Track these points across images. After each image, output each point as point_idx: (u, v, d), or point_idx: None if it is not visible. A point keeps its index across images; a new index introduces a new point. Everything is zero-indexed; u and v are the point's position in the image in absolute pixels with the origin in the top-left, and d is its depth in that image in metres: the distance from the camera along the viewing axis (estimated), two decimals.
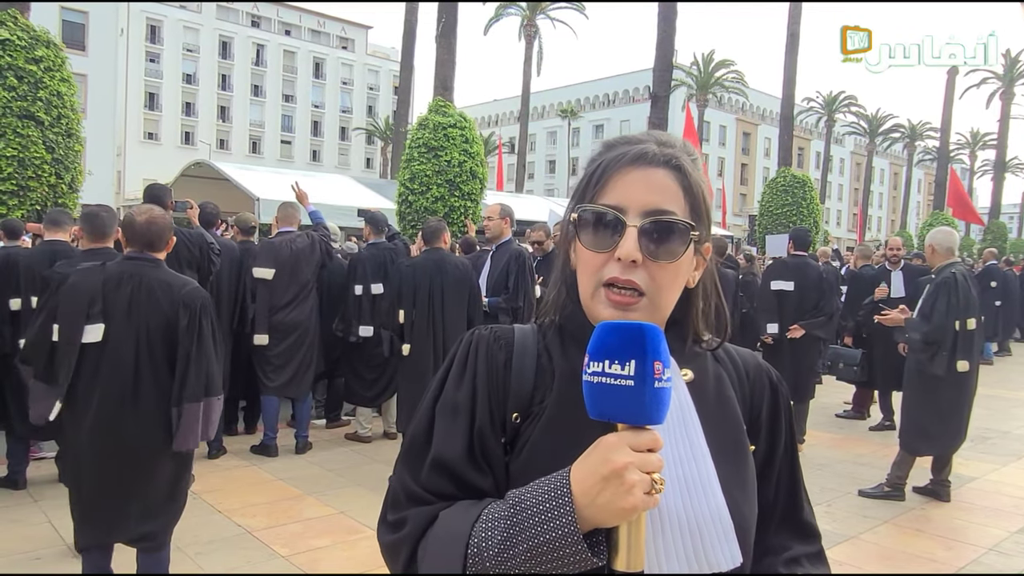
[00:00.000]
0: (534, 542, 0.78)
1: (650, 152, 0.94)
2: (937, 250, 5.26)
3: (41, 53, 7.14)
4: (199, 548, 3.98)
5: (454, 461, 0.91)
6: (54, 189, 7.22)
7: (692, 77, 47.98)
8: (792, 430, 1.07)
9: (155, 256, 3.08)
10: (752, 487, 0.97)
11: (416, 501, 0.91)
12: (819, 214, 18.48)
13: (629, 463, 0.75)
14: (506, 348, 0.98)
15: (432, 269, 5.33)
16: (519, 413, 0.94)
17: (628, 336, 0.77)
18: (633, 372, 0.75)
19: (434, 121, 10.66)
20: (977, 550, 4.37)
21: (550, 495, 0.79)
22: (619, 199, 0.92)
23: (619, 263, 0.89)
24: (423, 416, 0.97)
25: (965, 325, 5.00)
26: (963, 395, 5.11)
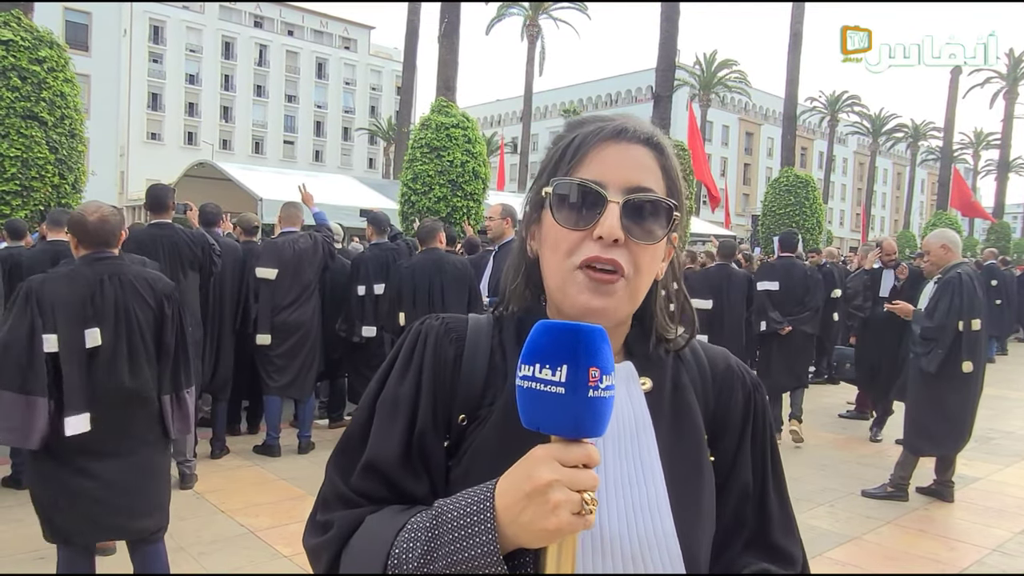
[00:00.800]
0: (452, 559, 0.72)
1: (629, 128, 0.88)
2: (951, 249, 5.23)
3: (45, 54, 7.15)
4: (202, 548, 3.98)
5: (388, 464, 0.85)
6: (57, 189, 7.24)
7: (695, 77, 47.93)
8: (765, 440, 0.97)
9: (115, 252, 3.07)
10: (709, 508, 0.89)
11: (345, 503, 0.86)
12: (822, 214, 18.45)
13: (554, 480, 0.68)
14: (456, 343, 0.91)
15: (431, 269, 5.32)
16: (466, 415, 0.87)
17: (561, 337, 0.69)
18: (564, 379, 0.68)
19: (437, 121, 10.67)
20: (980, 551, 4.36)
21: (471, 509, 0.73)
22: (598, 174, 0.84)
23: (599, 242, 0.82)
24: (362, 411, 0.91)
25: (970, 325, 4.98)
26: (967, 395, 5.10)
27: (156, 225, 4.98)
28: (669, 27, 15.28)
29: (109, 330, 2.91)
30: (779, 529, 0.94)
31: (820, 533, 4.44)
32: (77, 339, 2.85)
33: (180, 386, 3.07)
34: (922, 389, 5.17)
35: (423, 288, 5.30)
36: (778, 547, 0.93)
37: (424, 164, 10.44)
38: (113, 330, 2.91)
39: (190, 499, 4.74)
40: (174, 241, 4.94)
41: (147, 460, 3.02)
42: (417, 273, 5.35)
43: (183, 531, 4.18)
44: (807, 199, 17.93)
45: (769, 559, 0.92)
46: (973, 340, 5.01)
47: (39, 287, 2.85)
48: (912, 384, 5.31)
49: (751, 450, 0.95)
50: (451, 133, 10.51)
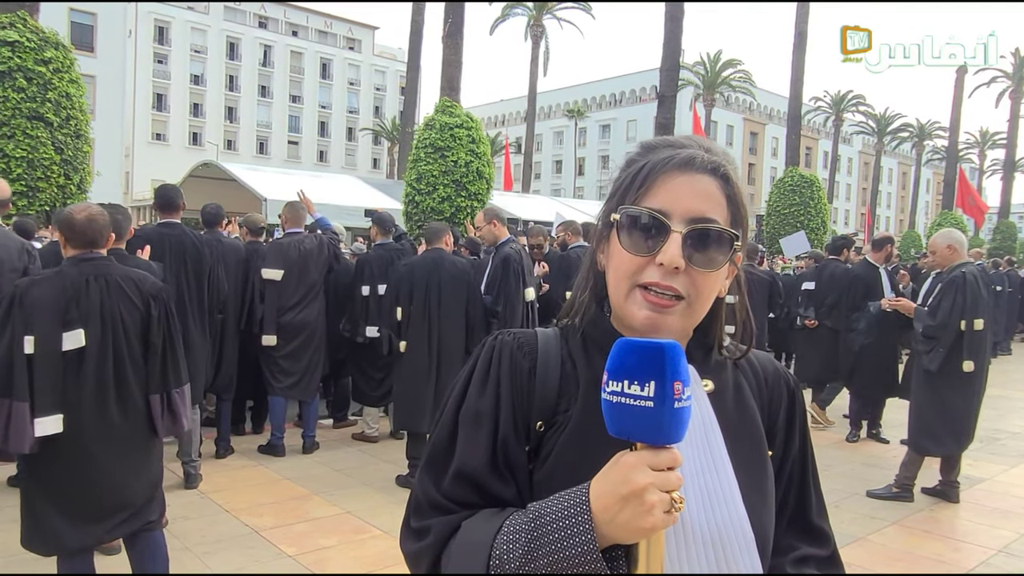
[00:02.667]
0: (554, 557, 0.78)
1: (698, 158, 0.93)
2: (957, 249, 5.21)
3: (50, 55, 7.18)
4: (206, 547, 3.99)
5: (477, 471, 0.91)
6: (63, 190, 7.27)
7: (699, 77, 47.86)
8: (805, 434, 1.06)
9: (103, 253, 3.07)
10: (771, 496, 0.97)
11: (439, 510, 0.92)
12: (827, 214, 18.42)
13: (649, 484, 0.75)
14: (530, 356, 0.97)
15: (429, 268, 5.32)
16: (543, 422, 0.93)
17: (647, 356, 0.76)
18: (653, 393, 0.75)
19: (441, 121, 10.68)
20: (986, 551, 4.35)
21: (570, 511, 0.80)
22: (664, 203, 0.90)
23: (660, 268, 0.88)
24: (446, 423, 0.97)
25: (972, 325, 4.97)
26: (971, 395, 5.08)
27: (165, 225, 5.00)
28: (673, 27, 15.27)
29: (95, 331, 2.91)
30: (815, 511, 1.04)
31: None
32: (53, 341, 2.84)
33: (169, 385, 3.07)
34: (926, 389, 5.16)
35: (420, 286, 5.29)
36: (814, 526, 1.03)
37: (428, 164, 10.45)
38: (100, 331, 2.91)
39: (195, 499, 4.75)
40: (181, 241, 4.97)
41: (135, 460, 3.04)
42: (415, 271, 5.34)
43: (188, 530, 4.19)
44: (812, 199, 17.90)
45: (807, 537, 1.02)
46: (975, 340, 5.00)
47: (25, 290, 2.86)
48: (915, 383, 5.30)
49: (797, 443, 1.05)
50: (455, 133, 10.52)
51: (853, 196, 72.02)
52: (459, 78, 13.54)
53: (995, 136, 53.67)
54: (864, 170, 71.21)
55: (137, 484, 3.04)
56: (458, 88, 13.39)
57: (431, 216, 10.27)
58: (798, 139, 20.97)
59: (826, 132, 60.69)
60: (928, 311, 5.13)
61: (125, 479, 2.99)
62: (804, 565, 0.99)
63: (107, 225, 3.08)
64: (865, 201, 63.29)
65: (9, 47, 6.94)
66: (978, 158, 58.09)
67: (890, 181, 75.11)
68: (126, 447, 2.99)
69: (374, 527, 4.34)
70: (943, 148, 50.11)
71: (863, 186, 70.74)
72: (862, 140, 68.84)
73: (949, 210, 26.93)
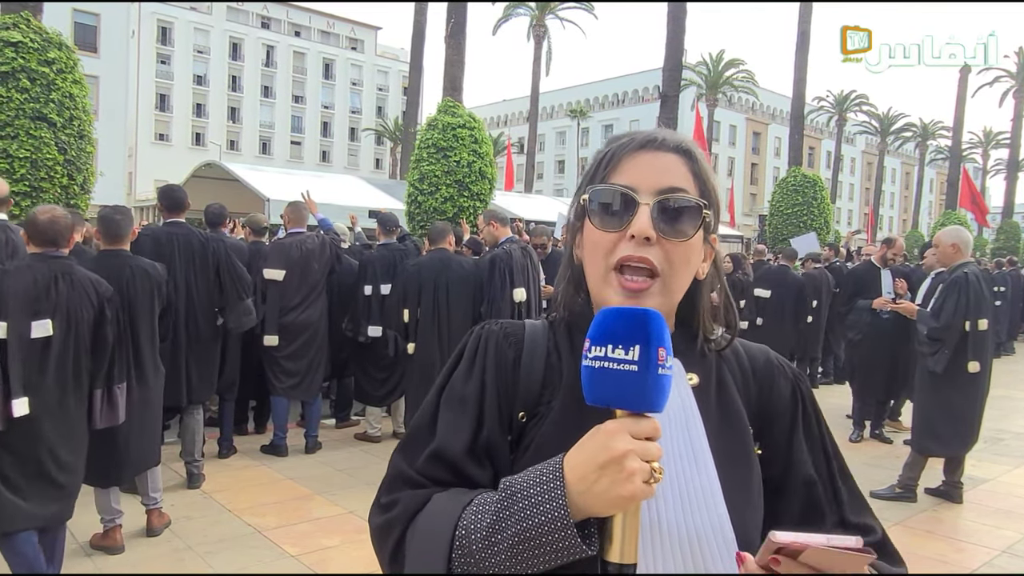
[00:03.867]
0: (522, 526, 0.75)
1: (659, 137, 0.94)
2: (960, 249, 5.19)
3: (53, 55, 7.18)
4: (209, 547, 4.00)
5: (455, 453, 0.90)
6: (66, 190, 7.27)
7: (702, 77, 47.80)
8: (820, 426, 1.01)
9: (65, 252, 3.33)
10: (758, 498, 0.93)
11: (411, 485, 0.90)
12: (830, 214, 18.37)
13: (630, 450, 0.73)
14: (515, 346, 0.97)
15: (437, 268, 5.33)
16: (526, 412, 0.92)
17: (633, 321, 0.75)
18: (637, 357, 0.74)
19: (443, 121, 10.67)
20: (989, 552, 4.34)
21: (541, 479, 0.78)
22: (631, 179, 0.91)
23: (632, 241, 0.88)
24: (428, 406, 0.96)
25: (976, 325, 4.95)
26: (975, 396, 5.07)
27: (172, 224, 5.03)
28: (676, 27, 15.26)
29: (61, 323, 3.17)
30: (853, 510, 0.98)
31: None
32: (25, 329, 3.08)
33: (112, 381, 3.36)
34: (929, 389, 5.15)
35: (428, 287, 5.31)
36: (855, 525, 0.97)
37: (431, 164, 10.44)
38: (64, 325, 3.17)
39: (197, 498, 4.76)
40: (189, 241, 5.00)
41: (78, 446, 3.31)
42: (423, 272, 5.36)
43: (190, 530, 4.20)
44: (815, 199, 17.85)
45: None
46: (979, 340, 4.98)
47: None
48: (919, 384, 5.28)
49: (807, 439, 0.99)
50: (458, 133, 10.51)
51: (856, 196, 71.86)
52: (462, 78, 13.53)
53: (999, 136, 53.53)
54: (867, 170, 71.07)
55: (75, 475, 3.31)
56: (461, 88, 13.38)
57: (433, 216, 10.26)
58: (801, 139, 20.92)
59: (829, 132, 60.59)
60: (931, 313, 5.11)
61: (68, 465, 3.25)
62: None
63: (68, 227, 3.33)
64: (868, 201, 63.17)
65: (12, 48, 6.95)
66: (981, 158, 57.95)
67: (893, 181, 74.96)
68: (74, 434, 3.26)
69: None
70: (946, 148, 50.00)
71: (866, 186, 70.60)
72: (865, 140, 68.70)
73: (952, 210, 26.86)
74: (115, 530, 3.87)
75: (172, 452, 5.22)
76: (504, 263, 5.46)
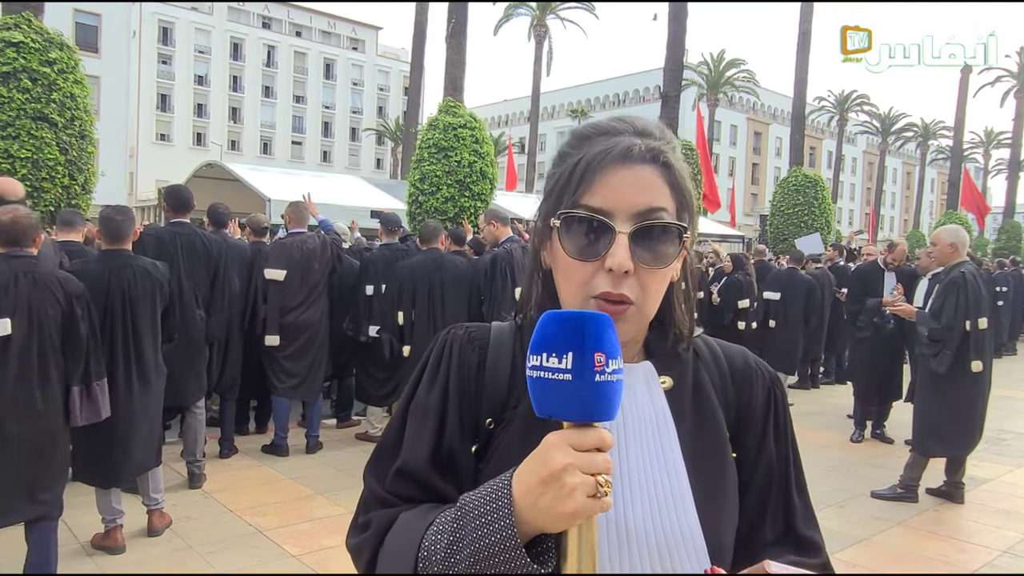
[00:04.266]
0: (475, 547, 0.74)
1: (635, 148, 0.87)
2: (958, 247, 5.18)
3: (55, 55, 7.19)
4: (210, 547, 4.00)
5: (419, 468, 0.89)
6: (67, 190, 7.27)
7: (702, 76, 47.79)
8: (786, 434, 0.99)
9: (31, 252, 3.36)
10: (732, 503, 0.91)
11: (382, 504, 0.90)
12: (831, 214, 18.37)
13: (568, 464, 0.69)
14: (480, 350, 0.94)
15: (430, 268, 5.31)
16: (492, 418, 0.90)
17: (567, 326, 0.71)
18: (571, 365, 0.70)
19: (444, 121, 10.67)
20: (991, 552, 4.33)
21: (491, 497, 0.75)
22: (605, 201, 0.85)
23: (609, 274, 0.83)
24: (396, 419, 0.95)
25: (976, 325, 4.95)
26: (976, 396, 5.06)
27: (176, 224, 5.05)
28: (677, 27, 15.25)
29: (22, 322, 3.18)
30: (802, 520, 0.97)
31: (829, 534, 4.38)
32: None
33: (90, 378, 3.40)
34: (931, 390, 5.14)
35: (423, 287, 5.29)
36: (803, 536, 0.96)
37: (432, 164, 10.44)
38: (26, 323, 3.19)
39: (198, 498, 4.76)
40: (192, 241, 5.01)
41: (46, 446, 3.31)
42: (416, 273, 5.34)
43: (191, 530, 4.20)
44: (816, 199, 17.84)
45: (795, 548, 0.94)
46: (980, 339, 4.98)
47: None
48: (921, 385, 5.28)
49: (775, 444, 0.97)
50: (459, 133, 10.51)
51: (857, 196, 71.82)
52: (462, 78, 13.53)
53: (1000, 136, 53.47)
54: (868, 170, 71.02)
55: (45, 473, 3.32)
56: (461, 88, 13.38)
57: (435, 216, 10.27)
58: (802, 139, 20.92)
59: (830, 132, 60.54)
60: (931, 314, 5.10)
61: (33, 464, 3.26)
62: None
63: (32, 227, 3.36)
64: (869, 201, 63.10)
65: (14, 48, 6.96)
66: (983, 158, 57.88)
67: (894, 181, 74.90)
68: (40, 433, 3.28)
69: None
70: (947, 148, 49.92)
71: (867, 186, 70.55)
72: (866, 140, 68.64)
73: (954, 210, 26.84)
74: (116, 530, 3.87)
75: (173, 452, 5.23)
76: (505, 262, 5.46)
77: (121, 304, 3.84)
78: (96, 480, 3.86)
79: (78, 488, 4.45)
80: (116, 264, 3.90)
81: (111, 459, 3.81)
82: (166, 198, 5.16)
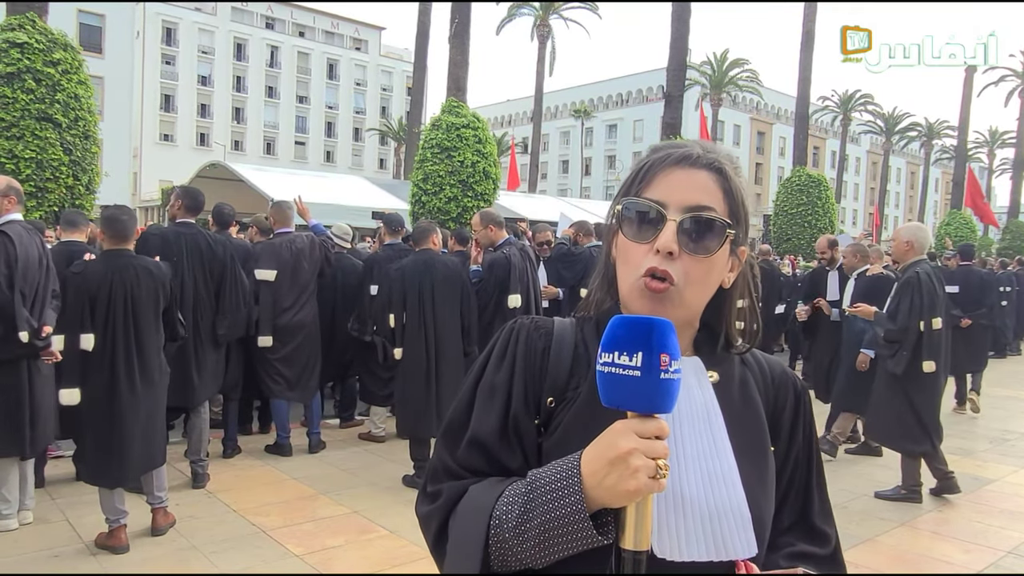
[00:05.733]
0: (546, 518, 0.84)
1: (695, 154, 0.99)
2: (914, 246, 5.14)
3: (59, 56, 7.21)
4: (214, 547, 4.00)
5: (488, 439, 0.97)
6: (71, 190, 7.30)
7: (706, 76, 47.75)
8: (811, 436, 1.09)
9: None
10: (771, 485, 1.00)
11: (451, 476, 0.98)
12: (835, 214, 18.34)
13: (634, 448, 0.79)
14: (545, 336, 1.04)
15: (421, 270, 5.28)
16: (554, 398, 0.99)
17: (636, 329, 0.81)
18: (640, 363, 0.79)
19: (447, 122, 10.68)
20: (996, 553, 4.32)
21: (561, 475, 0.85)
22: (662, 195, 0.97)
23: (657, 254, 0.94)
24: (464, 396, 1.03)
25: (930, 325, 4.95)
26: (934, 393, 5.07)
27: (181, 224, 5.06)
28: (680, 26, 15.25)
29: None
30: (819, 514, 1.07)
31: None
32: None
33: None
34: (895, 391, 5.10)
35: (413, 290, 5.26)
36: (816, 527, 1.06)
37: (435, 164, 10.45)
38: None
39: (202, 498, 4.76)
40: (196, 241, 5.02)
41: None
42: (407, 274, 5.31)
43: (195, 530, 4.20)
44: (819, 199, 17.83)
45: (808, 536, 1.05)
46: (934, 339, 4.97)
47: None
48: (880, 386, 5.25)
49: (801, 445, 1.08)
50: (462, 133, 10.52)
51: (861, 196, 71.70)
52: (465, 78, 13.54)
53: (1004, 135, 53.33)
54: (872, 170, 70.91)
55: None
56: (464, 88, 13.39)
57: (438, 216, 10.27)
58: (805, 139, 20.89)
59: (834, 131, 60.43)
60: (888, 315, 5.11)
61: None
62: (799, 561, 1.01)
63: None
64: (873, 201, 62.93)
65: (18, 48, 6.98)
66: (987, 157, 57.77)
67: (898, 181, 74.77)
68: None
69: (381, 527, 4.34)
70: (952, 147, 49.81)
71: (871, 185, 70.43)
72: (870, 139, 68.52)
73: (958, 209, 26.77)
74: (120, 530, 3.87)
75: (177, 452, 5.24)
76: (502, 269, 5.44)
77: (123, 304, 3.84)
78: (101, 479, 3.86)
79: (81, 488, 4.46)
80: (119, 264, 3.91)
81: (116, 458, 3.81)
82: (181, 196, 5.16)
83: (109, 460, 3.81)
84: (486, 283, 5.53)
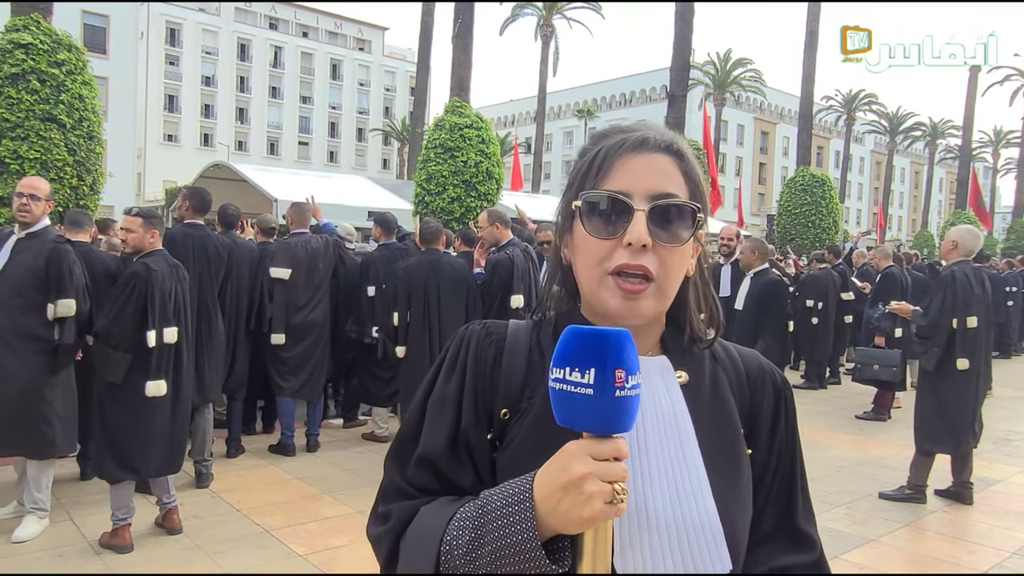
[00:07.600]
0: (496, 545, 0.78)
1: (651, 138, 0.94)
2: (959, 246, 5.19)
3: (63, 56, 7.23)
4: (217, 547, 4.01)
5: (437, 456, 0.92)
6: (76, 191, 7.31)
7: (709, 76, 47.67)
8: (793, 434, 1.03)
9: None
10: (746, 494, 0.94)
11: (402, 495, 0.93)
12: (838, 214, 18.31)
13: (588, 473, 0.73)
14: (496, 344, 0.97)
15: (427, 270, 5.29)
16: (508, 409, 0.93)
17: (590, 343, 0.74)
18: (592, 380, 0.73)
19: (450, 122, 10.69)
20: (1000, 554, 4.31)
21: (513, 499, 0.79)
22: (624, 184, 0.90)
23: (628, 249, 0.88)
24: (414, 411, 0.98)
25: (965, 323, 4.97)
26: (967, 394, 5.05)
27: (189, 225, 5.07)
28: (683, 26, 15.23)
29: None
30: (802, 515, 1.00)
31: (837, 535, 4.40)
32: None
33: None
34: (925, 388, 5.19)
35: (419, 290, 5.26)
36: (800, 531, 0.99)
37: (438, 164, 10.46)
38: None
39: (206, 498, 4.77)
40: (204, 242, 5.04)
41: None
42: (413, 274, 5.31)
43: (199, 529, 4.21)
44: (823, 198, 17.79)
45: (792, 543, 0.98)
46: (968, 337, 4.99)
47: None
48: (919, 383, 5.32)
49: (782, 445, 1.01)
50: (465, 133, 10.52)
51: (865, 195, 71.54)
52: (469, 78, 13.55)
53: (1009, 135, 53.18)
54: (876, 169, 70.72)
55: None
56: (468, 88, 13.40)
57: (441, 216, 10.27)
58: (809, 138, 20.85)
59: (838, 131, 60.30)
60: (921, 311, 5.20)
61: None
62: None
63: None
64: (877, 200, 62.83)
65: (23, 49, 6.99)
66: (992, 157, 57.59)
67: (902, 180, 74.57)
68: None
69: None
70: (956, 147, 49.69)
71: (875, 185, 70.26)
72: (874, 139, 68.37)
73: (962, 209, 26.70)
74: (124, 529, 3.88)
75: None
76: (505, 270, 5.45)
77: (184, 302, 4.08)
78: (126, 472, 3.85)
79: (86, 488, 4.48)
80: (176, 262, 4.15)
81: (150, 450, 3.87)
82: (189, 197, 5.19)
83: (146, 451, 3.86)
84: (489, 284, 5.53)
